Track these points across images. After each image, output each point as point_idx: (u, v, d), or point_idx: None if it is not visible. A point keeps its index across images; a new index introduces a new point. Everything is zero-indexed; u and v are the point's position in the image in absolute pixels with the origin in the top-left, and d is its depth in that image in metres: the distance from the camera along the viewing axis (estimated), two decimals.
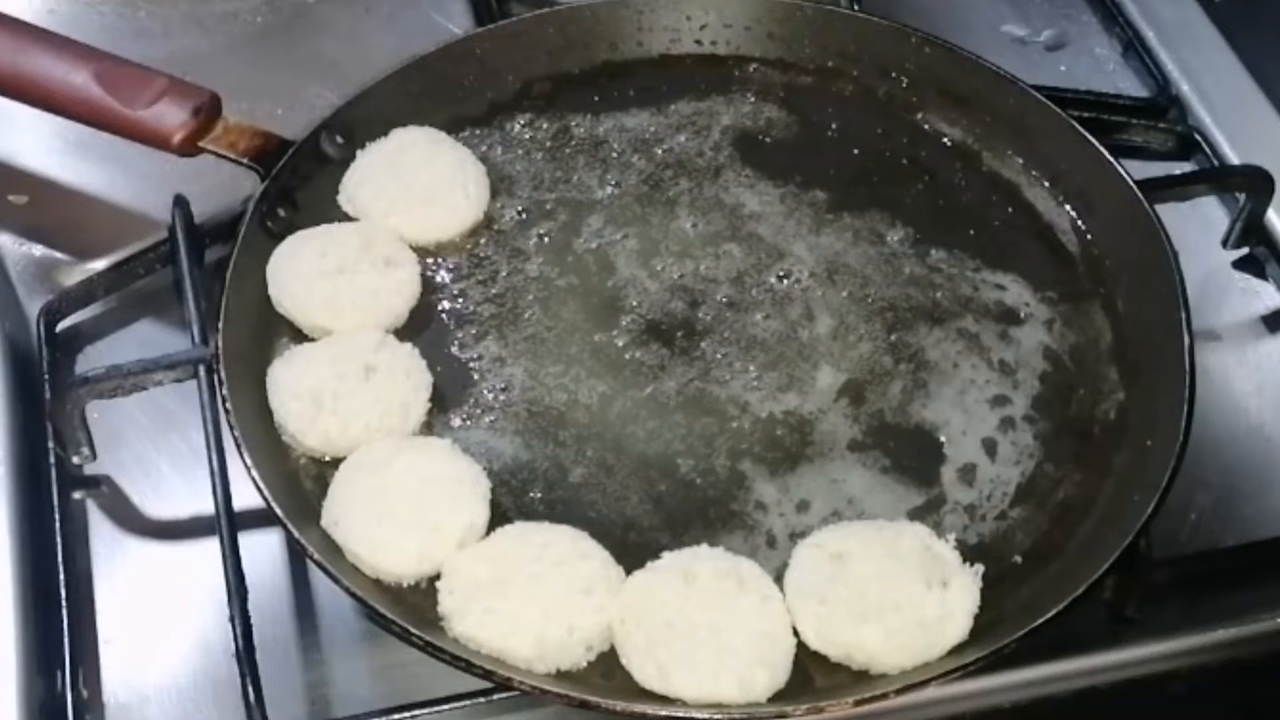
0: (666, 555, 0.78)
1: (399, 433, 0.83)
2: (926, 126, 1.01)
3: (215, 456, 0.82)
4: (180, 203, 0.94)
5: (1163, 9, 1.17)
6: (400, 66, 0.97)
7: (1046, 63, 1.15)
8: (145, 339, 0.94)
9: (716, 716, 0.72)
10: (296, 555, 0.84)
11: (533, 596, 0.75)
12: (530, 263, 0.93)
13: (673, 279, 0.93)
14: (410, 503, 0.78)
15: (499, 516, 0.80)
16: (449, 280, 0.92)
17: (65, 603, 0.81)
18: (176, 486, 0.88)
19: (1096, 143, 0.95)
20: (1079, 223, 0.96)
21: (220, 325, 0.83)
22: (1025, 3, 1.20)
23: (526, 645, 0.74)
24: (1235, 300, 1.01)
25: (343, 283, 0.88)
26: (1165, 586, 0.82)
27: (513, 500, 0.82)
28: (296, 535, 0.76)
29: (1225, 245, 1.02)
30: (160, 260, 0.95)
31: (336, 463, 0.81)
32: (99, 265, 0.96)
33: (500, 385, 0.87)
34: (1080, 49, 1.17)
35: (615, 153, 0.99)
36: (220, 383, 0.81)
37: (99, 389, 0.84)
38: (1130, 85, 1.13)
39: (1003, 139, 1.00)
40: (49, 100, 0.94)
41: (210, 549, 0.80)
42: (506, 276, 0.92)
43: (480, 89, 1.01)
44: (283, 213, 0.91)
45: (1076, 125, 0.96)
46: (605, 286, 0.92)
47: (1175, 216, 0.94)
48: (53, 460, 0.86)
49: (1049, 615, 0.74)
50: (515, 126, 1.00)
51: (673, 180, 0.98)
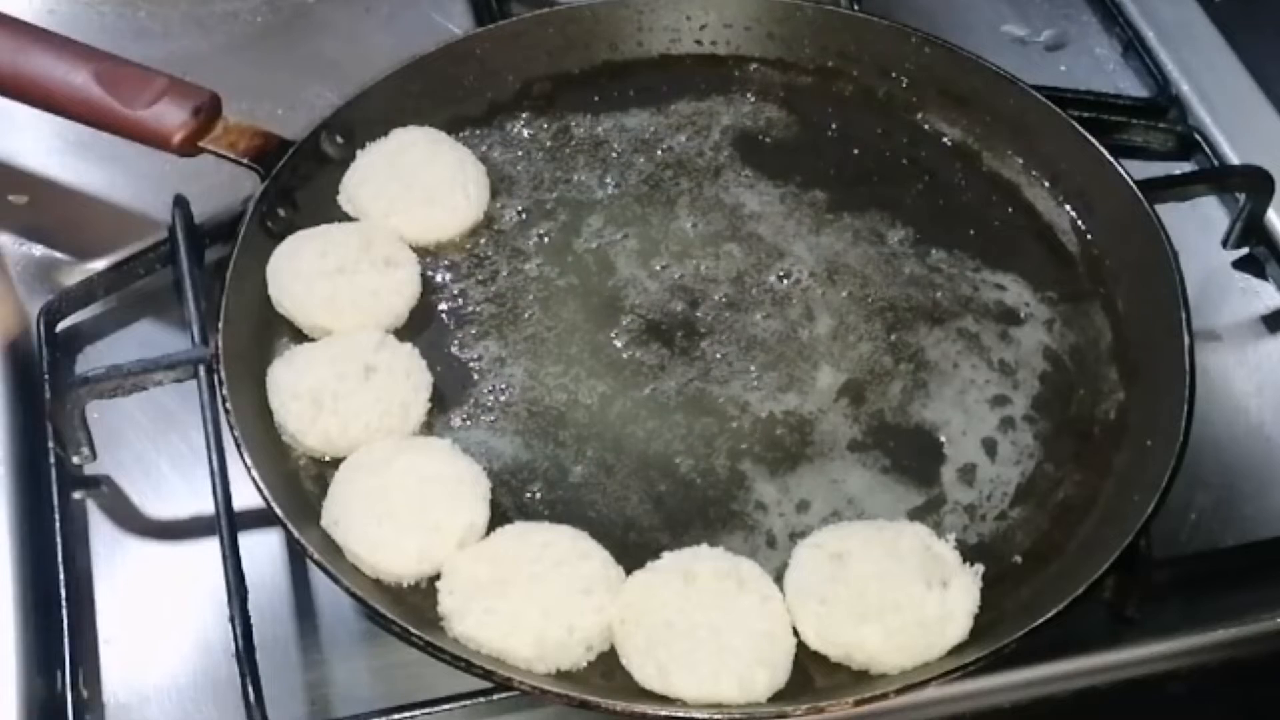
0: (666, 555, 0.78)
1: (399, 433, 0.83)
2: (926, 126, 1.01)
3: (215, 456, 0.82)
4: (180, 203, 0.94)
5: (1163, 9, 1.17)
6: (400, 66, 0.97)
7: (1046, 63, 1.15)
8: (145, 339, 0.94)
9: (716, 716, 0.72)
10: (296, 555, 0.84)
11: (533, 596, 0.75)
12: (530, 263, 0.93)
13: (673, 279, 0.93)
14: (410, 503, 0.78)
15: (499, 516, 0.80)
16: (449, 280, 0.92)
17: (65, 603, 0.81)
18: (176, 486, 0.88)
19: (1096, 143, 0.95)
20: (1079, 223, 0.96)
21: (220, 325, 0.83)
22: (1025, 3, 1.20)
23: (526, 645, 0.74)
24: (1235, 300, 1.01)
25: (343, 283, 0.88)
26: (1165, 586, 0.82)
27: (513, 500, 0.82)
28: (296, 535, 0.76)
29: (1225, 245, 1.02)
30: (160, 260, 0.95)
31: (336, 463, 0.81)
32: (99, 265, 0.96)
33: (500, 385, 0.87)
34: (1080, 49, 1.17)
35: (615, 153, 0.99)
36: (220, 383, 0.81)
37: (99, 389, 0.84)
38: (1130, 85, 1.13)
39: (1003, 139, 1.00)
40: (49, 100, 0.94)
41: (210, 549, 0.80)
42: (506, 276, 0.92)
43: (480, 89, 1.01)
44: (283, 213, 0.91)
45: (1076, 125, 0.96)
46: (605, 286, 0.92)
47: (1175, 216, 0.94)
48: (53, 460, 0.86)
49: (1049, 615, 0.74)
50: (515, 126, 1.00)
51: (673, 180, 0.98)
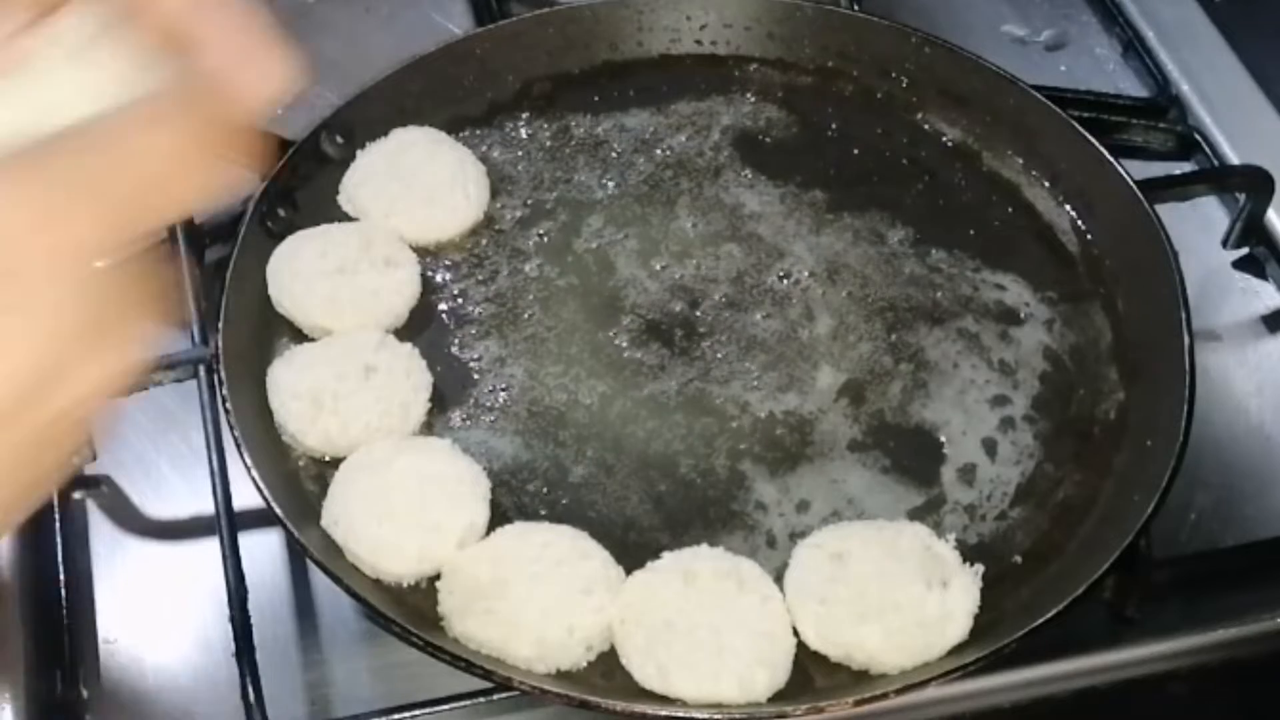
0: (666, 555, 0.78)
1: (399, 433, 0.83)
2: (926, 126, 1.01)
3: (215, 456, 0.82)
4: None
5: (1163, 9, 1.17)
6: (400, 66, 0.97)
7: (1046, 63, 1.15)
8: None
9: (716, 716, 0.72)
10: (296, 555, 0.84)
11: (533, 596, 0.75)
12: (530, 263, 0.93)
13: (673, 279, 0.93)
14: (410, 503, 0.78)
15: (499, 516, 0.80)
16: (449, 280, 0.92)
17: (65, 603, 0.81)
18: (176, 486, 0.88)
19: (1096, 143, 0.95)
20: (1079, 223, 0.96)
21: (220, 325, 0.83)
22: (1025, 3, 1.20)
23: (526, 645, 0.74)
24: (1235, 300, 1.01)
25: (343, 283, 0.88)
26: (1165, 586, 0.82)
27: (513, 500, 0.82)
28: (296, 535, 0.76)
29: (1225, 245, 1.02)
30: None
31: (336, 463, 0.81)
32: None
33: (500, 385, 0.87)
34: (1080, 49, 1.17)
35: (615, 153, 0.99)
36: (220, 383, 0.81)
37: None
38: (1130, 85, 1.13)
39: (1003, 139, 0.99)
40: None
41: (210, 549, 0.80)
42: (506, 276, 0.92)
43: (480, 89, 1.01)
44: (283, 213, 0.91)
45: (1076, 125, 0.96)
46: (605, 286, 0.92)
47: (1175, 216, 0.94)
48: None
49: (1049, 615, 0.74)
50: (515, 126, 1.00)
51: (673, 180, 0.98)
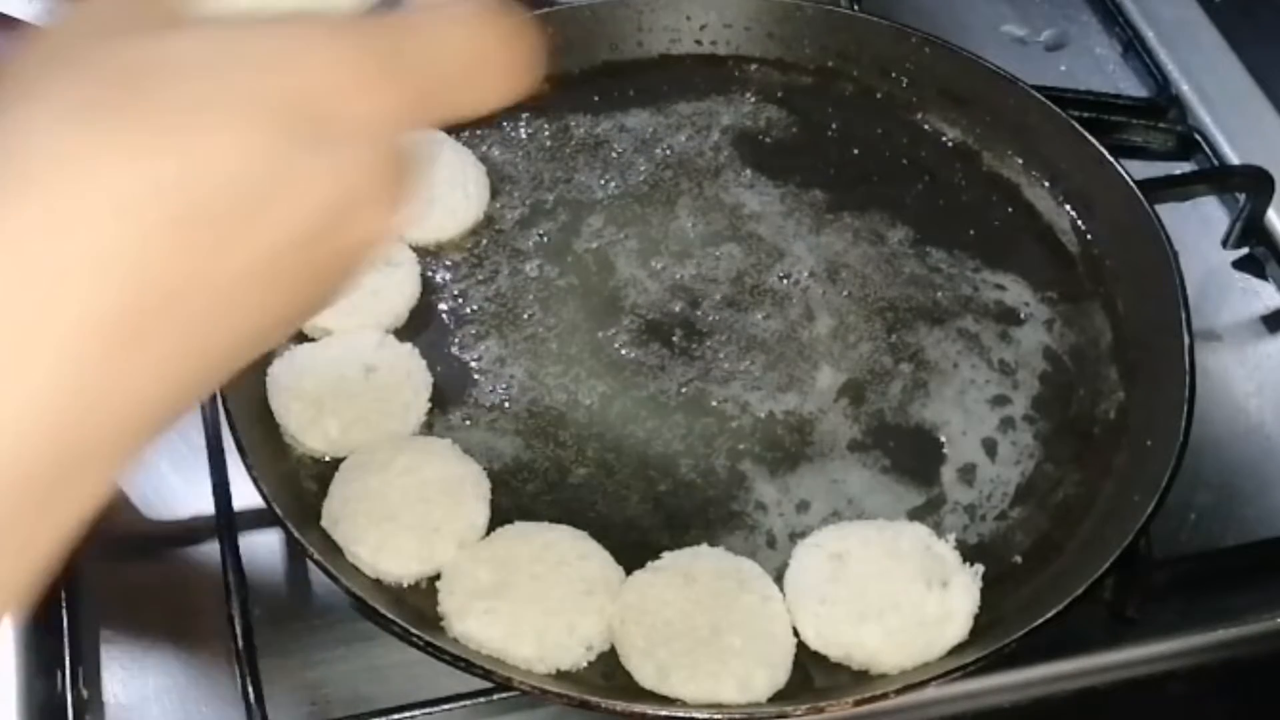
0: (666, 555, 0.78)
1: (399, 433, 0.83)
2: (926, 126, 1.01)
3: (215, 456, 0.82)
4: None
5: (1163, 9, 1.17)
6: None
7: (1046, 63, 1.15)
8: None
9: (716, 717, 0.71)
10: (296, 555, 0.84)
11: (533, 596, 0.75)
12: (530, 263, 0.93)
13: (673, 279, 0.93)
14: (410, 503, 0.78)
15: (499, 516, 0.80)
16: (449, 280, 0.92)
17: (65, 603, 0.81)
18: (176, 486, 0.88)
19: (1096, 143, 0.95)
20: (1079, 223, 0.96)
21: None
22: (1025, 3, 1.20)
23: (526, 645, 0.74)
24: (1235, 300, 1.00)
25: None
26: (1165, 586, 0.82)
27: (513, 500, 0.82)
28: (296, 535, 0.76)
29: (1225, 245, 1.02)
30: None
31: (336, 463, 0.81)
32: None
33: (500, 385, 0.87)
34: (1080, 49, 1.17)
35: (615, 153, 0.99)
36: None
37: None
38: (1130, 85, 1.13)
39: (1003, 139, 0.99)
40: None
41: (210, 549, 0.80)
42: (506, 276, 0.92)
43: None
44: None
45: (1076, 125, 0.96)
46: (605, 286, 0.92)
47: (1175, 216, 0.94)
48: None
49: (1049, 615, 0.73)
50: (515, 126, 1.00)
51: (673, 180, 0.98)
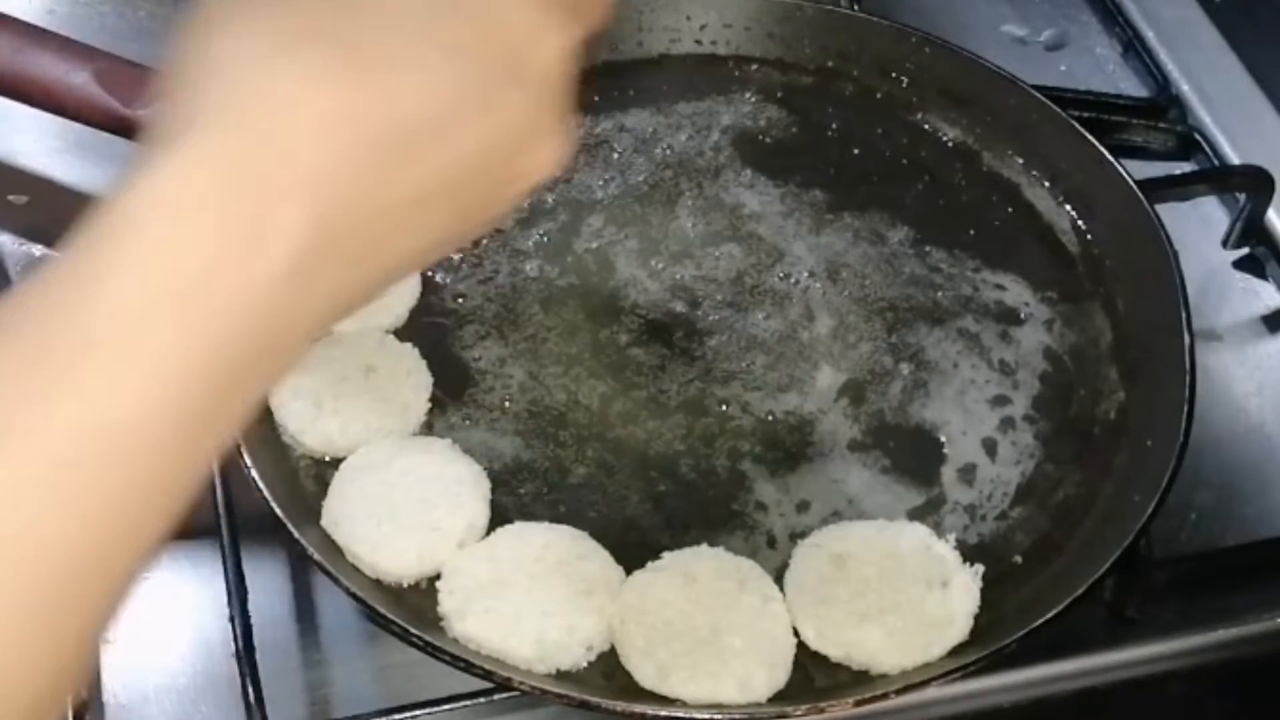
0: (666, 555, 0.78)
1: (399, 433, 0.83)
2: (926, 126, 1.01)
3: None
4: None
5: (1163, 9, 1.17)
6: None
7: (1046, 63, 1.15)
8: None
9: (716, 717, 0.72)
10: (296, 555, 0.83)
11: (533, 596, 0.75)
12: (530, 263, 0.93)
13: (673, 279, 0.93)
14: (410, 503, 0.78)
15: (499, 516, 0.80)
16: (449, 280, 0.92)
17: None
18: None
19: (1096, 143, 0.95)
20: (1079, 223, 0.96)
21: None
22: (1025, 3, 1.19)
23: (526, 645, 0.74)
24: (1235, 300, 1.00)
25: None
26: (1165, 586, 0.82)
27: (513, 500, 0.82)
28: (296, 535, 0.76)
29: (1225, 245, 1.02)
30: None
31: (336, 463, 0.81)
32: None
33: (500, 385, 0.87)
34: (1080, 49, 1.17)
35: (615, 153, 0.99)
36: None
37: None
38: (1130, 85, 1.13)
39: (1003, 139, 0.99)
40: (49, 100, 0.93)
41: (210, 549, 0.80)
42: (506, 276, 0.92)
43: None
44: None
45: (1076, 125, 0.96)
46: (605, 286, 0.92)
47: (1175, 216, 0.94)
48: None
49: (1049, 615, 0.73)
50: None
51: (673, 180, 0.98)
